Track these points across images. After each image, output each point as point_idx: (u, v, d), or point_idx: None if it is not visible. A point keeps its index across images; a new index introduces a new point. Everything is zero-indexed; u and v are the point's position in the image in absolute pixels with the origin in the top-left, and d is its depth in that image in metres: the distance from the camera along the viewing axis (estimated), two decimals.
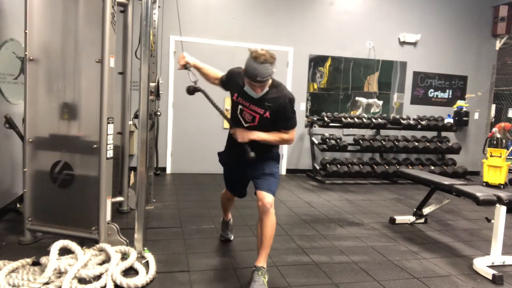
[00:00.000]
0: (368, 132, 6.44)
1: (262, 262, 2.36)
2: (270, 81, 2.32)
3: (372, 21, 6.46)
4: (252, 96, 2.34)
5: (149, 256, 2.54)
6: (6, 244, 2.78)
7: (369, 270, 2.67)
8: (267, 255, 2.40)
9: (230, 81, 2.50)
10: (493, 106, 7.11)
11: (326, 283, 2.46)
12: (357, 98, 6.58)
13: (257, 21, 6.02)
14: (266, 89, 2.33)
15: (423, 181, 3.61)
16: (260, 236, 2.37)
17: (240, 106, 2.41)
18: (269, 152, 2.51)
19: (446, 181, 3.39)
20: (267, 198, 2.33)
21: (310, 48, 6.26)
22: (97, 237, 2.61)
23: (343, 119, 6.01)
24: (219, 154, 2.73)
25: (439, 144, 6.33)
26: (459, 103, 6.73)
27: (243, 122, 2.44)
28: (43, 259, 2.29)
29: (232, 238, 3.13)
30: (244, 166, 2.52)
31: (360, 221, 3.85)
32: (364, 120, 6.09)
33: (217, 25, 5.87)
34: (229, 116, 2.55)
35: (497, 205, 2.80)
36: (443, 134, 6.62)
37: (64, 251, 2.33)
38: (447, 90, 6.95)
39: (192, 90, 2.44)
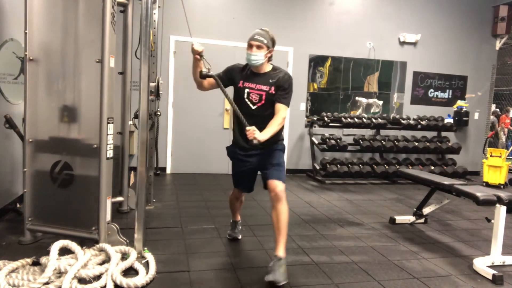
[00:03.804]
0: (368, 132, 6.44)
1: (281, 251, 2.45)
2: (268, 58, 2.57)
3: (372, 21, 6.46)
4: (249, 59, 2.53)
5: (149, 256, 2.53)
6: (6, 244, 2.78)
7: (369, 270, 2.67)
8: (285, 243, 2.49)
9: (231, 74, 2.66)
10: (493, 106, 7.11)
11: (326, 283, 2.46)
12: (357, 98, 6.58)
13: (257, 21, 6.01)
14: (263, 61, 2.54)
15: (423, 181, 3.61)
16: (277, 225, 2.48)
17: (247, 90, 2.58)
18: (276, 143, 2.65)
19: (446, 181, 3.39)
20: (279, 186, 2.48)
21: (310, 48, 6.26)
22: (97, 237, 2.61)
23: (343, 119, 6.01)
24: (227, 148, 2.83)
25: (439, 144, 6.33)
26: (459, 103, 6.74)
27: (250, 105, 2.58)
28: (43, 259, 2.29)
29: (240, 237, 3.18)
30: (252, 158, 2.66)
31: (360, 221, 3.85)
32: (364, 120, 6.09)
33: (217, 25, 5.87)
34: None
35: (497, 205, 2.80)
36: (443, 134, 6.62)
37: (64, 251, 2.33)
38: (447, 90, 6.95)
39: (204, 76, 2.54)
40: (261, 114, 2.54)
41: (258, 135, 2.35)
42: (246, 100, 2.58)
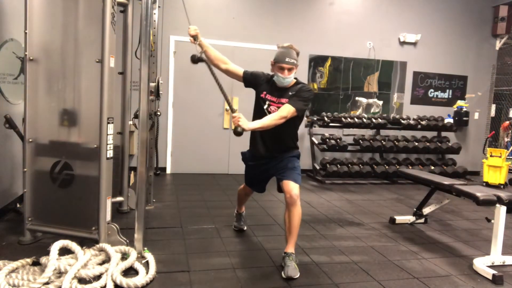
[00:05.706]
0: (368, 132, 6.44)
1: (291, 248, 2.58)
2: (295, 73, 2.63)
3: (372, 21, 6.46)
4: (282, 82, 2.59)
5: (149, 256, 2.54)
6: (6, 244, 2.77)
7: (369, 270, 2.67)
8: (295, 241, 2.61)
9: (257, 80, 2.75)
10: (493, 106, 7.10)
11: (326, 283, 2.46)
12: (357, 98, 6.58)
13: (257, 21, 6.02)
14: (292, 80, 2.63)
15: (423, 181, 3.61)
16: (289, 226, 2.57)
17: (268, 102, 2.67)
18: (289, 151, 2.74)
19: (446, 181, 3.39)
20: (294, 190, 2.53)
21: (310, 48, 6.25)
22: (97, 237, 2.61)
23: (343, 119, 6.01)
24: (243, 153, 2.92)
25: (439, 144, 6.33)
26: (459, 103, 6.73)
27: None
28: (43, 259, 2.29)
29: (245, 228, 3.35)
30: (267, 166, 2.76)
31: (360, 221, 3.85)
32: (364, 120, 6.09)
33: (217, 25, 5.87)
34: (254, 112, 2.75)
35: (497, 205, 2.80)
36: (443, 134, 6.62)
37: (64, 251, 2.33)
38: (447, 90, 6.95)
39: (196, 60, 2.51)
40: (279, 126, 2.54)
41: (243, 123, 2.38)
42: (266, 111, 2.65)
